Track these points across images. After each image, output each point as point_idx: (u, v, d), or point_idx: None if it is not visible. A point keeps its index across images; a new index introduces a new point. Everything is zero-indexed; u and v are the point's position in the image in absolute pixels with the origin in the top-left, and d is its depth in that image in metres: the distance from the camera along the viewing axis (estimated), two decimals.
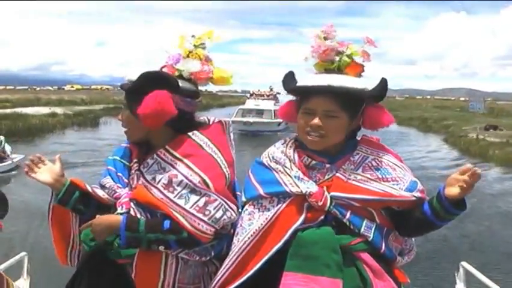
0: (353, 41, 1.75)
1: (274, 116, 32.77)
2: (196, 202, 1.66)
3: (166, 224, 1.67)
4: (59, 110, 37.69)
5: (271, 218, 1.65)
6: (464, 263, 3.12)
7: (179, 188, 1.68)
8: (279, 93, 37.78)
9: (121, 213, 1.72)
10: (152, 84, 1.68)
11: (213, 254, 1.75)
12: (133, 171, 1.78)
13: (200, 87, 1.84)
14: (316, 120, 1.63)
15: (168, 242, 1.67)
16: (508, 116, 43.86)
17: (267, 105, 35.79)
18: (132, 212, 1.73)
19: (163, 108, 1.67)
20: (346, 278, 1.56)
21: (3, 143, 17.36)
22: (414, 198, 1.64)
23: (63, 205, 1.80)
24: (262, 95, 39.49)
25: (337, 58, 1.70)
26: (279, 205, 1.65)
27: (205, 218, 1.66)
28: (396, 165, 1.70)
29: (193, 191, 1.67)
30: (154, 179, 1.71)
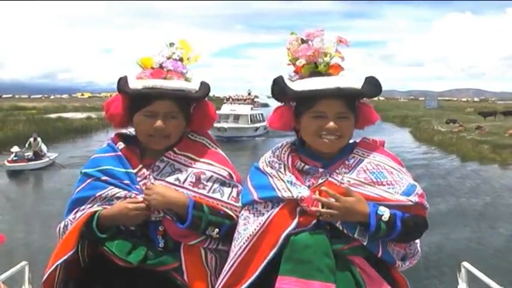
0: (358, 43, 3.62)
1: (251, 121, 32.39)
2: (230, 193, 1.78)
3: (221, 211, 1.74)
4: (93, 115, 43.69)
5: (264, 223, 1.64)
6: (465, 263, 3.04)
7: (209, 184, 1.76)
8: (257, 96, 38.58)
9: (158, 218, 1.71)
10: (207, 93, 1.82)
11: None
12: (143, 177, 1.76)
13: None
14: (332, 123, 1.63)
15: (223, 226, 1.72)
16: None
17: (244, 110, 34.29)
18: (165, 216, 1.71)
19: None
20: (340, 283, 1.55)
21: (39, 144, 20.27)
22: (410, 202, 1.61)
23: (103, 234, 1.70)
24: (240, 100, 38.35)
25: (320, 60, 1.70)
26: (272, 210, 1.65)
27: (240, 206, 1.77)
28: (393, 168, 1.68)
29: (223, 184, 1.78)
30: (177, 179, 1.75)
